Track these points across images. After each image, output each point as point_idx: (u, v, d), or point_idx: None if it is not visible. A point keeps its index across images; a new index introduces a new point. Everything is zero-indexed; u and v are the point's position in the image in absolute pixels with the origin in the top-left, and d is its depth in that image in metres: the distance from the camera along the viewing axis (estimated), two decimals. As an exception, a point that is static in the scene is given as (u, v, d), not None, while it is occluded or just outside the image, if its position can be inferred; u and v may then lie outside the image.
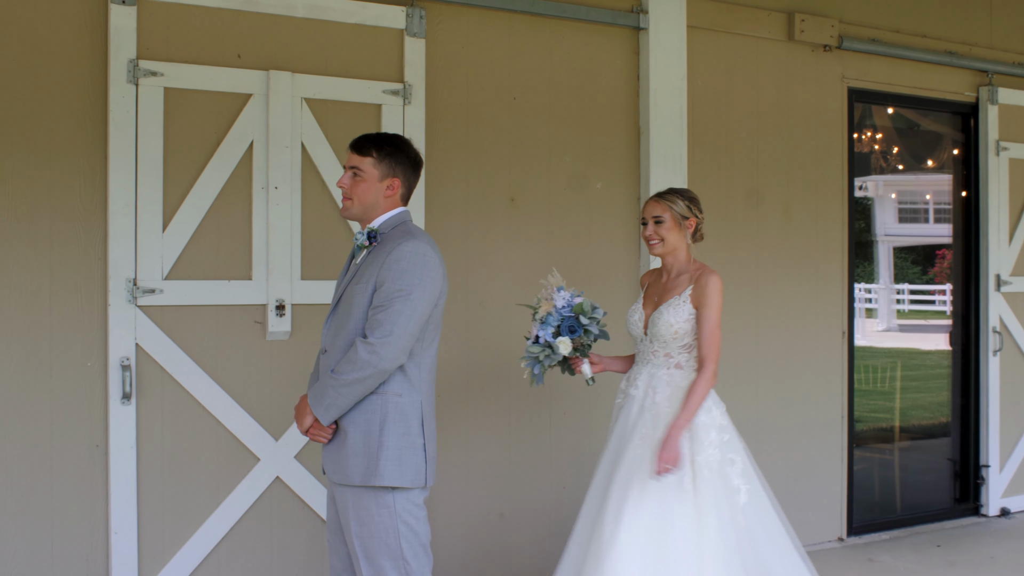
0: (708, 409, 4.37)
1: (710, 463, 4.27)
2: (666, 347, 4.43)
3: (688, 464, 4.25)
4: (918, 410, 9.39)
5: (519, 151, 5.70)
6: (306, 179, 5.07)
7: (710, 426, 4.34)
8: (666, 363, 4.44)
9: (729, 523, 4.23)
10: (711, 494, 4.23)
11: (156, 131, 4.78)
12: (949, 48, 7.27)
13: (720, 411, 4.43)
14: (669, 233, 4.47)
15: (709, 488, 4.24)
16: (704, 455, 4.27)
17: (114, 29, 4.69)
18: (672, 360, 4.43)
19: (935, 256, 23.83)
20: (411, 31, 5.31)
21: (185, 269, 4.86)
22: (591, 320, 4.33)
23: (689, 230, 4.50)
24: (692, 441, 4.29)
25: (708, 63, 6.31)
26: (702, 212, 4.55)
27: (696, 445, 4.28)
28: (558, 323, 4.33)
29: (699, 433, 4.30)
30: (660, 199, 4.51)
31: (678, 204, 4.48)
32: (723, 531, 4.20)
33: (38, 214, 4.61)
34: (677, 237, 4.48)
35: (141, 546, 4.79)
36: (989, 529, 7.25)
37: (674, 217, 4.46)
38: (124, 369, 4.72)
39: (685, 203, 4.48)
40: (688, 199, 4.51)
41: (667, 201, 4.49)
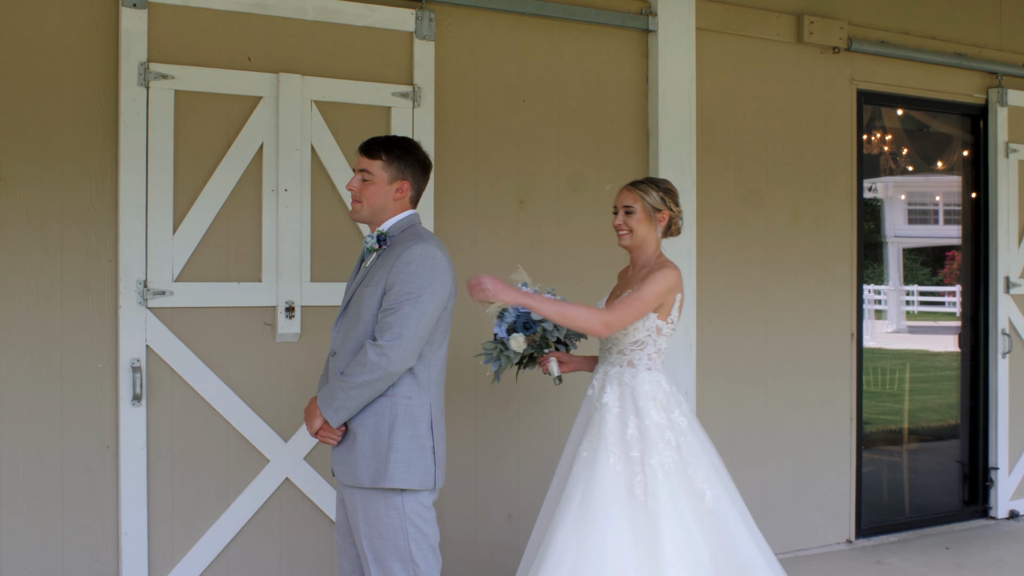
0: (667, 409, 4.17)
1: (665, 466, 4.04)
2: (619, 344, 4.26)
3: (638, 468, 4.05)
4: (927, 412, 9.37)
5: (528, 153, 5.71)
6: (316, 181, 5.09)
7: (664, 427, 4.12)
8: (619, 360, 4.26)
9: (693, 527, 4.00)
10: (668, 498, 4.00)
11: (167, 134, 4.80)
12: (958, 50, 7.26)
13: (680, 412, 4.20)
14: (639, 225, 4.29)
15: (665, 492, 4.00)
16: (658, 457, 4.05)
17: (125, 32, 4.71)
18: (624, 358, 4.25)
19: (945, 257, 23.75)
20: (420, 34, 5.33)
21: (195, 271, 4.87)
22: (543, 317, 4.22)
23: (661, 223, 4.31)
24: (643, 443, 4.07)
25: (717, 65, 6.32)
26: (678, 206, 4.36)
27: (648, 447, 4.07)
28: (513, 320, 4.27)
29: (651, 434, 4.09)
30: (633, 188, 4.33)
31: (651, 195, 4.29)
32: (683, 536, 3.96)
33: (49, 216, 4.63)
34: (647, 229, 4.30)
35: (151, 547, 4.81)
36: (998, 531, 7.24)
37: (645, 208, 4.28)
38: (134, 371, 4.74)
39: (659, 194, 4.30)
40: (663, 191, 4.32)
41: (640, 191, 4.31)
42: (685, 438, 4.15)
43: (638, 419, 4.12)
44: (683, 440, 4.14)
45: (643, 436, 4.09)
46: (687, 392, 6.04)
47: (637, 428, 4.11)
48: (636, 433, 4.10)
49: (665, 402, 4.19)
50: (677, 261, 5.89)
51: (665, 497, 3.99)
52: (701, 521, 4.04)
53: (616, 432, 4.13)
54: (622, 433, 4.12)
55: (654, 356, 4.26)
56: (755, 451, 6.46)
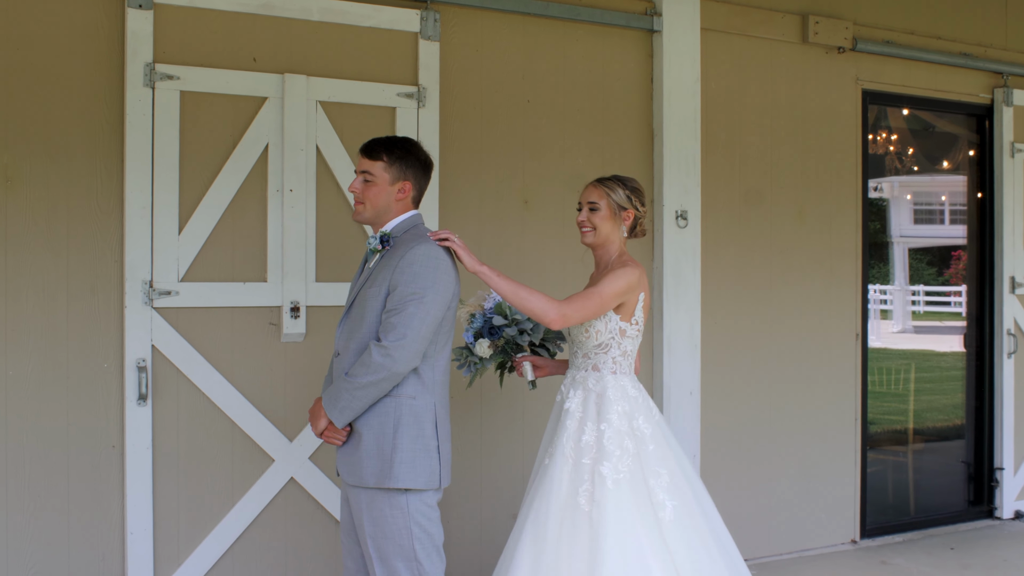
0: (629, 415, 4.05)
1: (618, 474, 3.91)
2: (583, 347, 4.16)
3: (587, 475, 3.94)
4: (932, 412, 9.37)
5: (533, 153, 5.72)
6: (321, 182, 5.10)
7: (624, 434, 4.00)
8: (584, 365, 4.16)
9: (642, 540, 3.85)
10: (614, 508, 3.86)
11: (172, 134, 4.81)
12: (964, 50, 7.26)
13: (645, 419, 4.07)
14: (603, 223, 4.18)
15: (612, 502, 3.87)
16: (611, 465, 3.93)
17: (131, 33, 4.72)
18: (589, 362, 4.15)
19: (951, 257, 23.76)
20: (425, 34, 5.33)
21: (201, 271, 4.89)
22: (509, 323, 4.17)
23: (626, 223, 4.20)
24: (598, 450, 3.96)
25: (722, 65, 6.32)
26: (644, 206, 4.26)
27: (602, 454, 3.95)
28: (480, 326, 4.23)
29: (608, 441, 3.98)
30: (599, 184, 4.23)
31: (617, 193, 4.18)
32: (630, 549, 3.82)
33: (55, 216, 4.64)
34: (611, 228, 4.19)
35: (156, 546, 4.82)
36: (1003, 532, 7.24)
37: (610, 206, 4.17)
38: (140, 370, 4.75)
39: (626, 193, 4.19)
40: (630, 189, 4.21)
41: (606, 187, 4.20)
42: (647, 446, 4.02)
43: (597, 425, 4.03)
44: (644, 448, 4.01)
45: (598, 443, 3.99)
46: (691, 392, 6.05)
47: (594, 434, 4.01)
48: (592, 440, 4.00)
49: (629, 408, 4.07)
50: (682, 260, 5.93)
51: (611, 508, 3.86)
52: (652, 534, 3.89)
53: (574, 438, 4.05)
54: (578, 439, 4.03)
55: (619, 359, 4.15)
56: (759, 451, 6.46)
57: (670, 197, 5.97)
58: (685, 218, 6.01)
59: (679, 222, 5.99)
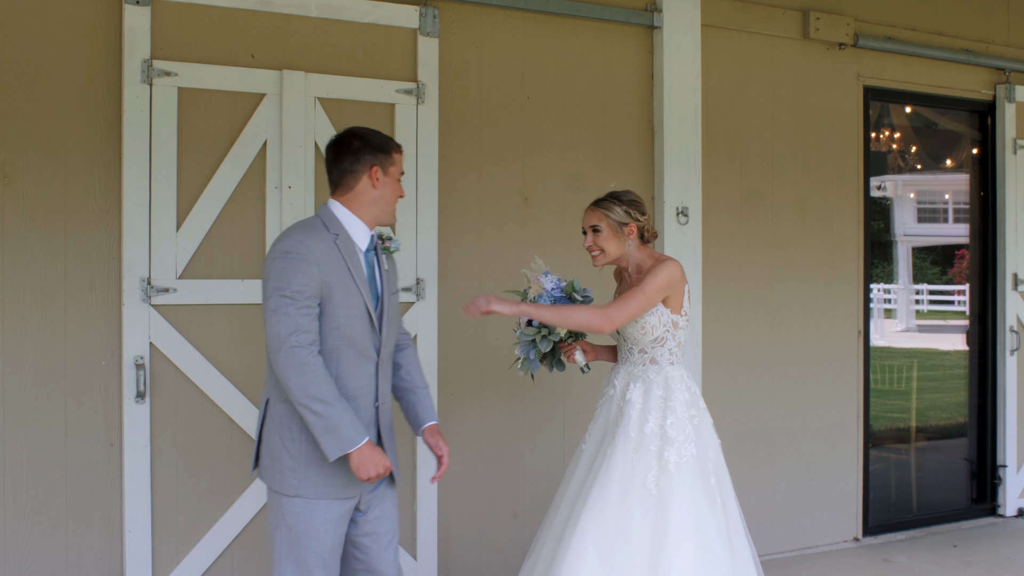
0: (689, 404, 4.22)
1: (682, 459, 4.09)
2: (639, 343, 4.28)
3: (655, 461, 4.09)
4: (935, 410, 9.34)
5: (533, 150, 5.70)
6: (319, 178, 5.08)
7: (685, 421, 4.18)
8: (641, 360, 4.29)
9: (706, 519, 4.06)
10: (677, 494, 4.04)
11: (170, 131, 4.80)
12: (966, 46, 7.23)
13: (697, 410, 4.26)
14: (607, 243, 4.28)
15: (676, 487, 4.04)
16: (674, 450, 4.10)
17: (128, 29, 4.71)
18: (647, 356, 4.28)
19: (954, 256, 23.72)
20: (424, 31, 5.32)
21: (199, 268, 4.87)
22: (584, 299, 4.29)
23: (631, 236, 4.29)
24: (662, 436, 4.12)
25: (723, 62, 6.30)
26: (644, 214, 4.31)
27: (665, 440, 4.12)
28: (551, 303, 4.26)
29: (671, 429, 4.13)
30: (596, 207, 4.30)
31: (615, 211, 4.26)
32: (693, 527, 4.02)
33: (53, 213, 4.63)
34: (617, 245, 4.29)
35: (155, 544, 4.81)
36: (1006, 529, 7.21)
37: (611, 225, 4.26)
38: (138, 368, 4.74)
39: (623, 209, 4.26)
40: (627, 203, 4.28)
41: (603, 209, 4.28)
42: (703, 433, 4.23)
43: (662, 413, 4.18)
44: (701, 435, 4.21)
45: (662, 430, 4.15)
46: (693, 389, 6.03)
47: (658, 422, 4.16)
48: (656, 427, 4.15)
49: (689, 398, 4.25)
50: (683, 258, 5.90)
51: (676, 489, 4.04)
52: (714, 513, 4.10)
53: (636, 427, 4.17)
54: (641, 428, 4.16)
55: (675, 351, 4.31)
56: (762, 449, 6.44)
57: (671, 194, 5.95)
58: (686, 215, 5.99)
59: (680, 219, 5.97)
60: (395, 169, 3.77)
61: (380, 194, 3.73)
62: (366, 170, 3.70)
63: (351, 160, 3.70)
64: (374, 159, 3.71)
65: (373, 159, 3.71)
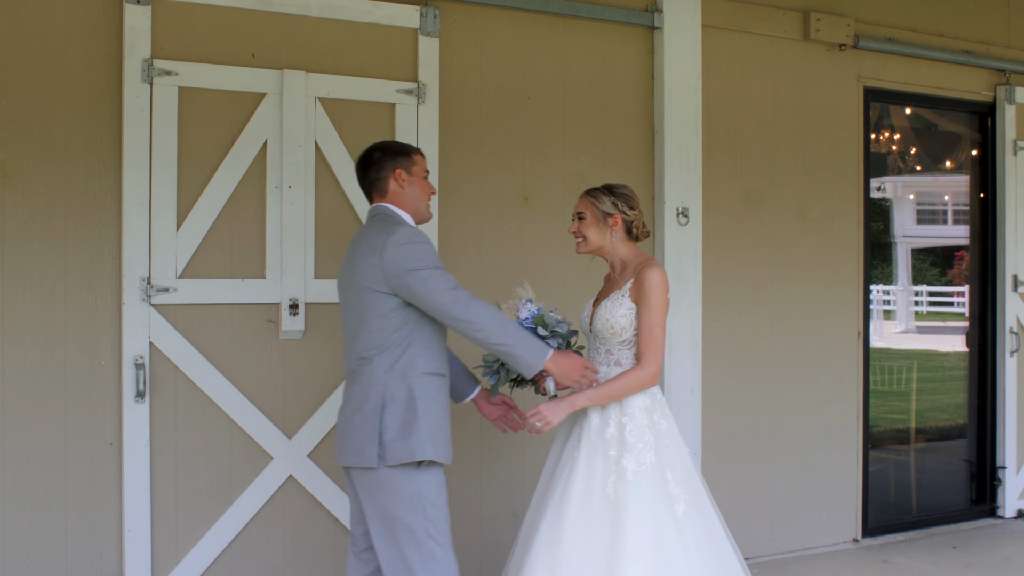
0: (649, 410, 4.08)
1: (641, 466, 3.98)
2: (606, 344, 4.17)
3: (613, 467, 3.99)
4: (935, 411, 9.35)
5: (533, 150, 5.70)
6: (320, 178, 5.08)
7: (645, 428, 4.04)
8: (607, 360, 4.18)
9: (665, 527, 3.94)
10: (634, 500, 3.93)
11: (170, 130, 4.79)
12: (966, 47, 7.23)
13: (662, 414, 4.12)
14: (589, 231, 4.23)
15: (632, 494, 3.93)
16: (632, 457, 3.98)
17: (129, 28, 4.70)
18: (612, 357, 4.17)
19: (954, 257, 23.76)
20: (425, 30, 5.32)
21: (199, 268, 4.87)
22: (551, 333, 4.12)
23: (614, 228, 4.22)
24: (620, 443, 4.02)
25: (723, 62, 6.30)
26: (634, 208, 4.25)
27: (624, 447, 4.00)
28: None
29: (629, 435, 4.01)
30: (586, 194, 4.28)
31: (602, 201, 4.22)
32: (651, 535, 3.90)
33: (53, 213, 4.63)
34: (598, 235, 4.23)
35: (154, 544, 4.80)
36: (1005, 531, 7.21)
37: (595, 215, 4.22)
38: (138, 368, 4.74)
39: (611, 199, 4.22)
40: (616, 195, 4.24)
41: (592, 197, 4.25)
42: (664, 441, 4.08)
43: (620, 419, 4.07)
44: (662, 442, 4.07)
45: (621, 436, 4.04)
46: (692, 390, 6.02)
47: (617, 427, 4.05)
48: (615, 432, 4.05)
49: (649, 403, 4.11)
50: (683, 258, 5.91)
51: (632, 498, 3.93)
52: (671, 524, 3.96)
53: (598, 431, 4.08)
54: (602, 432, 4.07)
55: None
56: (761, 449, 6.44)
57: (671, 194, 5.95)
58: (686, 216, 5.99)
59: (680, 219, 5.97)
60: (418, 168, 4.12)
61: (410, 192, 4.08)
62: (390, 174, 4.06)
63: (376, 170, 4.07)
64: (395, 163, 4.06)
65: (394, 163, 4.06)
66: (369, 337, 3.90)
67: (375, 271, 3.85)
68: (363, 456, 3.84)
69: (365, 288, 3.88)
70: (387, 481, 3.84)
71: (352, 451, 3.89)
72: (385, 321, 3.88)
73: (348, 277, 3.99)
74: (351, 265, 3.97)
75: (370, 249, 3.89)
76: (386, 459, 3.82)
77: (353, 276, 3.94)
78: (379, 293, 3.86)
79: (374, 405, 3.85)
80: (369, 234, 3.96)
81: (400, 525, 3.85)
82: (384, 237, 3.87)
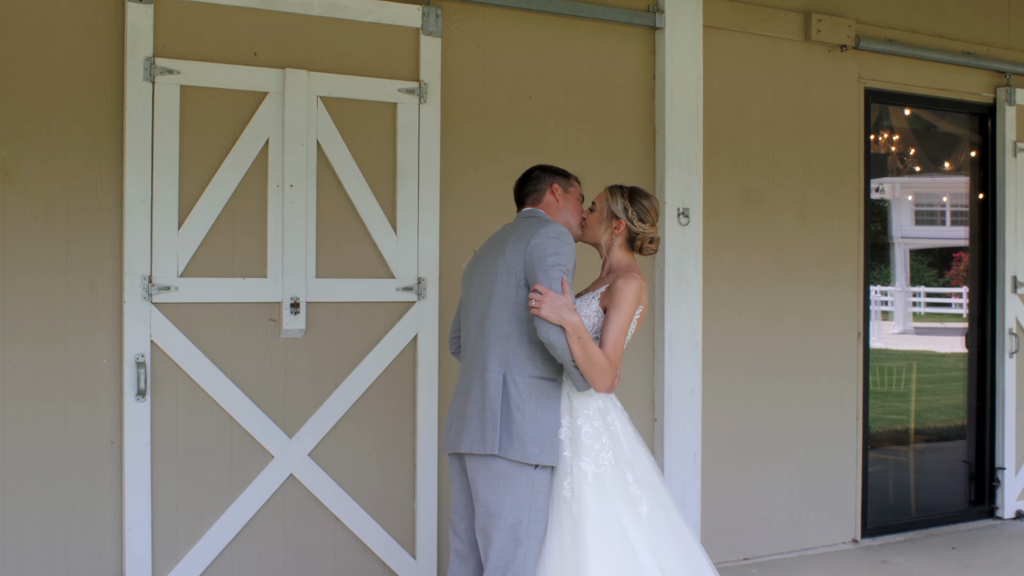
0: (603, 411, 4.02)
1: (600, 468, 3.92)
2: None
3: (568, 469, 3.92)
4: (933, 413, 9.36)
5: (534, 150, 5.69)
6: (321, 177, 5.08)
7: (601, 431, 3.98)
8: None
9: (629, 529, 3.89)
10: (595, 503, 3.87)
11: (172, 129, 4.79)
12: (967, 49, 7.24)
13: (615, 416, 4.05)
14: (593, 222, 4.26)
15: (593, 497, 3.88)
16: (590, 459, 3.92)
17: (131, 27, 4.70)
18: None
19: (952, 259, 23.78)
20: (427, 30, 5.32)
21: (200, 267, 4.87)
22: None
23: (616, 232, 4.22)
24: (574, 445, 3.95)
25: (724, 63, 6.30)
26: (645, 223, 4.23)
27: (580, 449, 3.94)
28: None
29: (585, 437, 3.95)
30: (607, 189, 4.30)
31: (615, 202, 4.22)
32: (614, 537, 3.86)
33: (54, 211, 4.63)
34: (599, 231, 4.24)
35: (155, 543, 4.80)
36: (1004, 532, 7.22)
37: (603, 210, 4.23)
38: (139, 366, 4.73)
39: (623, 203, 4.21)
40: (632, 203, 4.22)
41: (609, 192, 4.27)
42: (620, 441, 4.02)
43: (573, 420, 4.01)
44: (619, 443, 4.02)
45: (576, 438, 3.98)
46: (692, 390, 6.03)
47: (570, 429, 4.00)
48: (569, 434, 3.99)
49: (603, 405, 4.04)
50: (683, 258, 5.92)
51: (591, 500, 3.89)
52: (635, 525, 3.92)
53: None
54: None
55: None
56: (760, 449, 6.44)
57: (672, 195, 5.95)
58: (687, 216, 5.99)
59: (681, 220, 5.97)
60: (574, 190, 4.32)
61: (564, 206, 4.26)
62: (547, 187, 4.27)
63: (534, 183, 4.31)
64: (553, 179, 4.29)
65: (552, 179, 4.28)
66: (500, 323, 3.95)
67: (519, 255, 3.93)
68: (484, 442, 3.86)
69: (506, 272, 3.95)
70: (501, 475, 3.86)
71: (472, 438, 3.91)
72: (519, 310, 3.93)
73: (491, 261, 4.03)
74: (500, 251, 4.00)
75: (520, 236, 3.97)
76: (507, 452, 3.84)
77: (498, 259, 3.98)
78: (516, 279, 3.92)
79: (496, 393, 3.88)
80: (523, 226, 4.04)
81: (504, 522, 3.86)
82: (539, 226, 3.95)
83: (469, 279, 4.18)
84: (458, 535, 4.16)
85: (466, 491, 4.10)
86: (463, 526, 4.14)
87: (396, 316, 5.25)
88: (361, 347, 5.19)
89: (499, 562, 3.87)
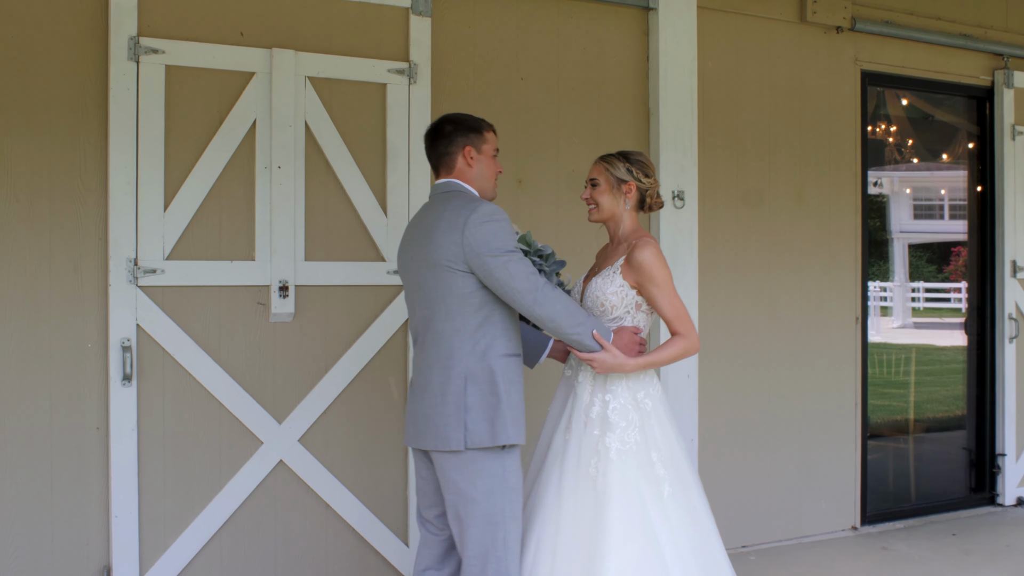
0: (633, 389, 4.00)
1: (624, 447, 3.91)
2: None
3: (595, 446, 3.93)
4: (933, 403, 9.29)
5: (527, 133, 5.63)
6: (309, 159, 5.01)
7: (629, 407, 3.98)
8: None
9: (650, 509, 3.88)
10: (619, 481, 3.86)
11: (157, 109, 4.72)
12: (964, 31, 7.17)
13: (647, 394, 4.02)
14: (602, 197, 4.15)
15: (617, 475, 3.87)
16: (615, 436, 3.92)
17: (114, 5, 4.62)
18: None
19: (950, 253, 23.72)
20: (417, 9, 5.24)
21: (187, 249, 4.79)
22: (535, 252, 4.06)
23: (628, 195, 4.14)
24: (603, 423, 3.95)
25: (719, 45, 6.23)
26: (649, 177, 4.17)
27: (607, 426, 3.94)
28: None
29: (612, 414, 3.95)
30: (600, 160, 4.21)
31: (616, 167, 4.15)
32: (632, 520, 3.84)
33: (38, 193, 4.55)
34: (611, 202, 4.15)
35: (142, 530, 4.72)
36: (1005, 518, 7.15)
37: (609, 180, 4.14)
38: (125, 350, 4.66)
39: (625, 166, 4.14)
40: (631, 161, 4.16)
41: (606, 163, 4.18)
42: (650, 421, 4.00)
43: (603, 397, 4.00)
44: (648, 422, 3.99)
45: (604, 414, 3.97)
46: (689, 376, 5.96)
47: (602, 406, 3.99)
48: (600, 411, 3.98)
49: (633, 383, 4.02)
50: (679, 242, 5.85)
51: (616, 478, 3.87)
52: (657, 505, 3.90)
53: (584, 411, 4.03)
54: (588, 412, 4.02)
55: None
56: (759, 436, 6.37)
57: (666, 177, 5.88)
58: (682, 199, 5.92)
59: (676, 202, 5.90)
60: (488, 147, 4.06)
61: (477, 170, 4.03)
62: (459, 151, 4.00)
63: (445, 144, 4.01)
64: (466, 139, 4.01)
65: (465, 139, 4.01)
66: (449, 317, 3.83)
67: (455, 248, 3.77)
68: (448, 440, 3.79)
69: (444, 267, 3.81)
70: (470, 464, 3.80)
71: (435, 435, 3.83)
72: (466, 301, 3.82)
73: (423, 254, 3.89)
74: (429, 241, 3.86)
75: (450, 226, 3.80)
76: (471, 442, 3.77)
77: (431, 253, 3.84)
78: (459, 272, 3.79)
79: (457, 388, 3.80)
80: (448, 210, 3.86)
81: (479, 509, 3.80)
82: (466, 214, 3.78)
83: (406, 270, 4.04)
84: (427, 523, 4.13)
85: (432, 479, 4.03)
86: (432, 513, 4.09)
87: (387, 300, 5.18)
88: (351, 331, 5.11)
89: (478, 549, 3.81)
